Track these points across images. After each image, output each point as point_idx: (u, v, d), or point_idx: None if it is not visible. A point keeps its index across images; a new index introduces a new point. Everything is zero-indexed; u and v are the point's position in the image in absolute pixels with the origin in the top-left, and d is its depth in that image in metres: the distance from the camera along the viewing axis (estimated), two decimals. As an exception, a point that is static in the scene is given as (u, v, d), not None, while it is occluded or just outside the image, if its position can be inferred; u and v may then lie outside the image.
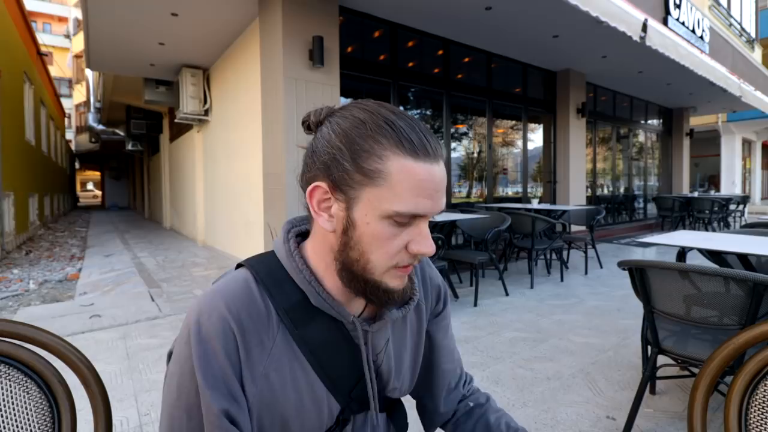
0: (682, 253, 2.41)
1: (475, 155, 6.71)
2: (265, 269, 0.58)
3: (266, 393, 0.54)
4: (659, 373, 2.02)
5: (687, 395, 2.11)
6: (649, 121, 10.32)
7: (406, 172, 0.50)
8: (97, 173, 29.94)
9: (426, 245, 0.53)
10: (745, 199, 9.57)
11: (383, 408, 0.68)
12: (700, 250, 2.19)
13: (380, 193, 0.50)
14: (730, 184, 15.44)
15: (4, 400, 0.65)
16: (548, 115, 7.50)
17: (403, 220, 0.51)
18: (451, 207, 5.91)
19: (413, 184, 0.50)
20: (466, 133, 6.63)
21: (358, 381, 0.61)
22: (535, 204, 5.93)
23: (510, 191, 7.40)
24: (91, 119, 13.85)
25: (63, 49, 24.98)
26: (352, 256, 0.53)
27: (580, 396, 2.10)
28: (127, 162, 20.33)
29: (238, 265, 0.60)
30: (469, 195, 6.71)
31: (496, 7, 4.61)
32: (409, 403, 0.78)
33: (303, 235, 0.64)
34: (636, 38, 4.38)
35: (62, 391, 0.69)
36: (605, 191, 9.21)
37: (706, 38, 7.13)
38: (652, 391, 2.13)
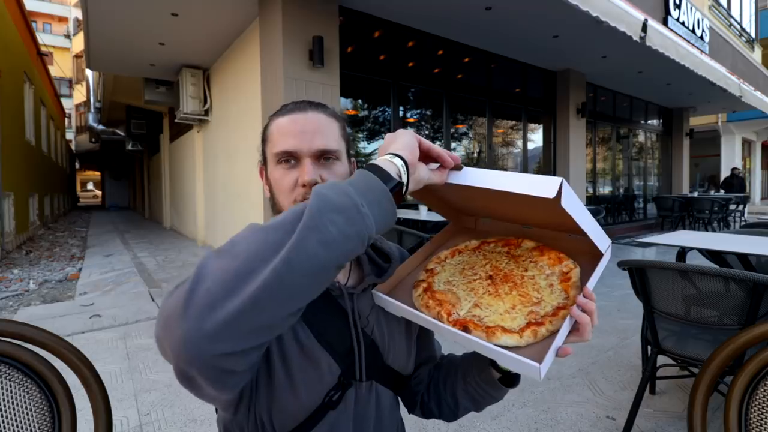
0: (682, 253, 2.42)
1: (475, 155, 6.71)
2: None
3: None
4: (659, 373, 2.02)
5: (687, 395, 2.11)
6: (649, 121, 10.32)
7: (276, 125, 0.68)
8: (97, 173, 29.95)
9: (305, 173, 0.64)
10: (745, 199, 9.57)
11: (384, 379, 0.70)
12: (700, 250, 2.19)
13: (268, 147, 0.69)
14: (730, 184, 15.42)
15: (4, 400, 0.65)
16: (548, 115, 7.49)
17: (284, 158, 0.66)
18: (451, 207, 5.90)
19: (280, 130, 0.67)
20: (466, 133, 6.63)
21: (353, 344, 0.66)
22: (535, 204, 5.91)
23: (510, 191, 7.38)
24: (91, 119, 13.83)
25: (63, 49, 24.97)
26: (275, 206, 0.68)
27: (580, 396, 2.10)
28: (127, 162, 20.29)
29: None
30: (469, 195, 6.70)
31: (496, 7, 4.61)
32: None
33: None
34: (636, 38, 4.38)
35: (62, 391, 0.70)
36: (605, 191, 9.21)
37: (706, 38, 7.13)
38: (652, 391, 2.13)
